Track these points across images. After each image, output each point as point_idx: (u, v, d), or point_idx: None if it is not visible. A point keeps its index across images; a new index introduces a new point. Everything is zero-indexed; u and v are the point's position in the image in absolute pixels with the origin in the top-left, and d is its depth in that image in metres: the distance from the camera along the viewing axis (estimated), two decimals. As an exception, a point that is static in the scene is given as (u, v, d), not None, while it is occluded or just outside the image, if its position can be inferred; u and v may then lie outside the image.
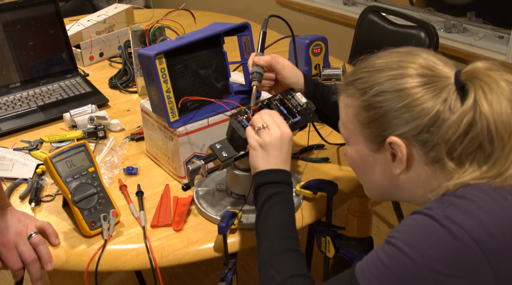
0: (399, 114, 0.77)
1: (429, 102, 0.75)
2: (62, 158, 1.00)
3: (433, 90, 0.76)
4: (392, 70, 0.79)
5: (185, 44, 1.10)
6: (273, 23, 1.29)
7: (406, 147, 0.78)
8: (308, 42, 1.59)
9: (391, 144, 0.79)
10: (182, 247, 0.99)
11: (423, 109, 0.75)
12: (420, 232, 0.70)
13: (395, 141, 0.78)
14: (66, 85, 1.62)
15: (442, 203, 0.73)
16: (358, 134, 0.84)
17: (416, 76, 0.77)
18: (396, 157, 0.79)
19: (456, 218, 0.69)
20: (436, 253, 0.68)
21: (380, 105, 0.78)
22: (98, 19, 1.96)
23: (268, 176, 0.90)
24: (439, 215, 0.70)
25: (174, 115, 1.11)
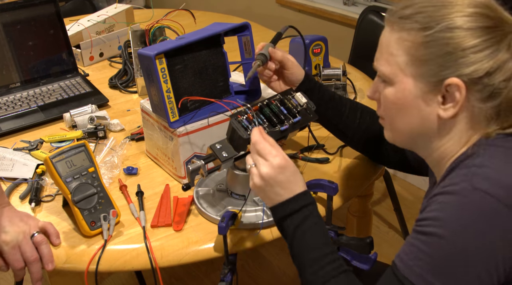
0: (465, 53, 0.75)
1: (494, 46, 0.75)
2: (62, 158, 1.00)
3: (499, 35, 0.75)
4: (457, 6, 0.76)
5: (185, 44, 1.10)
6: (273, 23, 1.28)
7: (466, 90, 0.76)
8: (308, 42, 1.59)
9: (448, 86, 0.76)
10: (182, 247, 0.99)
11: (488, 53, 0.74)
12: (452, 212, 0.71)
13: (455, 82, 0.75)
14: (66, 85, 1.62)
15: (465, 176, 0.73)
16: (410, 72, 0.79)
17: (482, 17, 0.75)
18: (448, 99, 0.77)
19: (484, 187, 0.70)
20: (475, 228, 0.69)
21: (448, 41, 0.75)
22: (98, 19, 1.95)
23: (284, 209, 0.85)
24: (467, 189, 0.71)
25: (174, 115, 1.11)
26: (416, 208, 2.33)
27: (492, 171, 0.72)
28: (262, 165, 0.85)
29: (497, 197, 0.69)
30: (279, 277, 2.03)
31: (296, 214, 0.84)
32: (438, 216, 0.71)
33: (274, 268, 2.07)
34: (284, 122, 1.01)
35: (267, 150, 0.85)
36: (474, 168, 0.74)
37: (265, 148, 0.86)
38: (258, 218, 1.03)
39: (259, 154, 0.86)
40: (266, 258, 2.11)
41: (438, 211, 0.72)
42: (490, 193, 0.69)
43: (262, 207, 1.04)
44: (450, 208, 0.71)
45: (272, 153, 0.85)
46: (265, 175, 0.84)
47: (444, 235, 0.70)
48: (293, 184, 0.85)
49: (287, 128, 1.01)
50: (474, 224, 0.69)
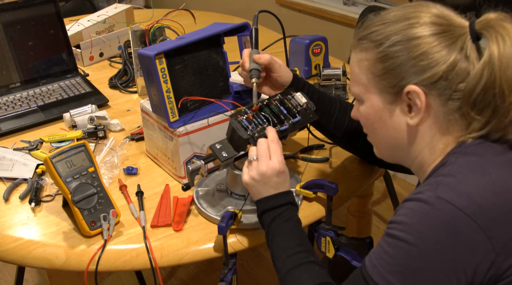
0: (416, 62, 0.78)
1: (446, 49, 0.77)
2: (62, 158, 1.00)
3: (449, 38, 0.78)
4: (407, 20, 0.80)
5: (185, 44, 1.10)
6: (273, 23, 1.29)
7: (424, 95, 0.79)
8: (308, 42, 1.59)
9: (409, 94, 0.80)
10: (182, 247, 0.99)
11: (441, 56, 0.77)
12: (416, 218, 0.73)
13: (413, 89, 0.79)
14: (66, 85, 1.62)
15: (431, 185, 0.75)
16: (373, 88, 0.84)
17: (431, 25, 0.79)
18: (413, 107, 0.81)
19: (446, 196, 0.72)
20: (435, 234, 0.71)
21: (397, 54, 0.80)
22: (98, 19, 1.95)
23: (266, 204, 0.92)
24: (431, 197, 0.73)
25: (174, 115, 1.11)
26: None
27: (457, 180, 0.74)
28: (264, 162, 0.91)
29: (458, 206, 0.71)
30: (279, 277, 2.03)
31: (273, 210, 0.91)
32: (403, 221, 0.74)
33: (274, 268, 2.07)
34: (284, 122, 1.01)
35: (277, 152, 0.92)
36: (441, 177, 0.76)
37: (277, 150, 0.92)
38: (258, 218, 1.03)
39: (268, 151, 0.92)
40: (266, 258, 2.11)
41: (404, 215, 0.75)
42: (451, 202, 0.71)
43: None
44: (415, 214, 0.73)
45: (278, 157, 0.92)
46: (264, 173, 0.91)
47: (407, 239, 0.72)
48: (282, 187, 0.93)
49: (287, 128, 1.01)
50: (435, 231, 0.71)
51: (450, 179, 0.75)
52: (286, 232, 0.90)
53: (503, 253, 0.71)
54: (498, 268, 0.72)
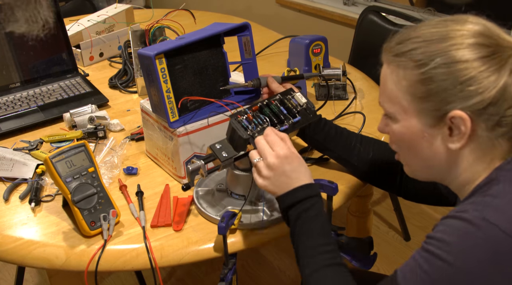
0: (463, 87, 0.73)
1: (495, 74, 0.73)
2: (62, 158, 1.00)
3: (498, 61, 0.73)
4: (452, 40, 0.75)
5: (185, 44, 1.10)
6: (273, 23, 1.28)
7: (470, 122, 0.74)
8: (308, 42, 1.59)
9: (453, 119, 0.75)
10: (182, 247, 0.99)
11: (490, 82, 0.72)
12: (458, 238, 0.69)
13: (459, 115, 0.74)
14: (66, 85, 1.62)
15: (477, 205, 0.71)
16: (412, 109, 0.79)
17: (478, 46, 0.73)
18: (454, 131, 0.76)
19: (493, 219, 0.68)
20: (476, 257, 0.68)
21: (442, 78, 0.74)
22: (98, 19, 1.95)
23: (288, 199, 0.89)
24: (476, 218, 0.69)
25: (174, 115, 1.11)
26: (416, 208, 2.33)
27: (506, 203, 0.70)
28: (269, 155, 0.90)
29: (506, 230, 0.67)
30: (279, 277, 2.03)
31: (297, 205, 0.88)
32: (443, 238, 0.71)
33: (274, 268, 2.07)
34: (284, 122, 1.01)
35: (276, 141, 0.91)
36: (489, 197, 0.72)
37: (274, 140, 0.91)
38: (258, 218, 1.03)
39: (268, 144, 0.91)
40: (266, 258, 2.11)
41: (445, 233, 0.71)
42: (498, 226, 0.68)
43: (262, 207, 1.04)
44: (457, 233, 0.70)
45: (279, 145, 0.90)
46: (272, 165, 0.89)
47: (445, 258, 0.69)
48: (298, 174, 0.89)
49: (287, 128, 1.01)
50: (476, 253, 0.68)
51: (499, 201, 0.71)
52: (313, 230, 0.86)
53: None
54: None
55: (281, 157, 0.89)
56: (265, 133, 0.93)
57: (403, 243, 2.16)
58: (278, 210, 1.01)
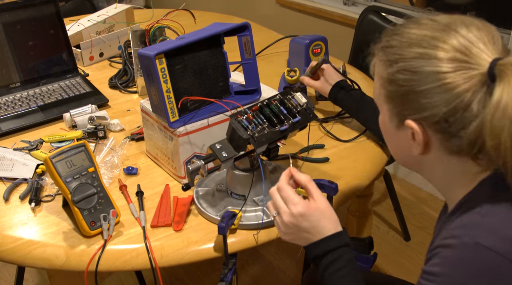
0: (419, 97, 0.71)
1: (454, 90, 0.68)
2: (62, 158, 1.00)
3: (462, 78, 0.68)
4: (421, 48, 0.71)
5: (185, 44, 1.10)
6: (273, 23, 1.28)
7: (422, 133, 0.73)
8: (308, 42, 1.59)
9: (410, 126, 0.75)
10: (182, 247, 0.99)
11: (447, 98, 0.69)
12: (455, 269, 0.68)
13: (411, 125, 0.74)
14: (66, 85, 1.62)
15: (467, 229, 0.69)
16: (383, 104, 0.79)
17: (446, 61, 0.69)
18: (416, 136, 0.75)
19: (487, 243, 0.66)
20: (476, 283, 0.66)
21: (402, 83, 0.73)
22: (98, 19, 1.95)
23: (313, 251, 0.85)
24: (469, 245, 0.67)
25: (174, 115, 1.11)
26: (416, 208, 2.33)
27: (497, 222, 0.68)
28: (284, 213, 0.87)
29: (503, 253, 0.65)
30: (279, 277, 2.03)
31: (325, 256, 0.84)
32: (439, 272, 0.69)
33: (274, 268, 2.07)
34: (284, 122, 1.01)
35: (289, 198, 0.87)
36: (477, 216, 0.70)
37: (288, 196, 0.87)
38: (258, 218, 1.03)
39: (283, 200, 0.88)
40: (266, 258, 2.11)
41: (439, 266, 0.69)
42: (493, 249, 0.65)
43: (262, 207, 1.04)
44: (451, 264, 0.68)
45: (293, 201, 0.86)
46: (288, 223, 0.86)
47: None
48: (319, 228, 0.85)
49: (287, 128, 1.01)
50: (477, 280, 0.66)
51: (488, 219, 0.69)
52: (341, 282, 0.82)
53: None
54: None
55: (296, 216, 0.85)
56: (278, 186, 0.89)
57: (403, 243, 2.16)
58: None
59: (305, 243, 0.86)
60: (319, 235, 0.84)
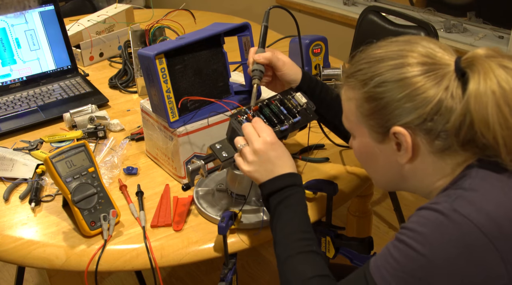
0: (401, 104, 0.77)
1: (431, 90, 0.75)
2: (62, 158, 1.00)
3: (434, 78, 0.76)
4: (392, 60, 0.79)
5: (185, 44, 1.10)
6: (273, 23, 1.29)
7: (410, 136, 0.78)
8: (308, 42, 1.59)
9: (396, 134, 0.79)
10: (182, 247, 0.99)
11: (425, 98, 0.75)
12: (428, 228, 0.71)
13: (399, 131, 0.78)
14: (66, 85, 1.62)
15: (449, 197, 0.73)
16: (362, 126, 0.84)
17: (416, 65, 0.77)
18: (401, 146, 0.80)
19: (464, 211, 0.70)
20: (445, 247, 0.69)
21: (382, 96, 0.78)
22: (98, 19, 1.96)
23: (271, 186, 0.90)
24: (447, 209, 0.71)
25: (174, 115, 1.11)
26: (416, 208, 2.33)
27: (477, 195, 0.72)
28: (255, 141, 0.91)
29: (476, 223, 0.69)
30: (279, 277, 2.03)
31: (279, 192, 0.89)
32: (415, 229, 0.72)
33: (274, 268, 2.06)
34: (284, 122, 1.01)
35: (263, 128, 0.92)
36: (461, 190, 0.74)
37: (261, 127, 0.92)
38: (258, 218, 1.03)
39: (255, 131, 0.92)
40: (266, 258, 2.11)
41: (417, 223, 0.73)
42: (468, 218, 0.69)
43: (262, 207, 1.04)
44: (428, 224, 0.71)
45: (266, 132, 0.92)
46: (258, 150, 0.90)
47: (417, 248, 0.71)
48: (283, 162, 0.91)
49: (287, 128, 1.01)
50: (447, 245, 0.69)
51: (470, 193, 0.73)
52: (291, 217, 0.87)
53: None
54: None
55: (268, 143, 0.90)
56: (253, 120, 0.94)
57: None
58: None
59: (265, 177, 0.90)
60: (280, 170, 0.90)
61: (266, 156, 0.90)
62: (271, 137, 0.91)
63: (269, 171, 0.90)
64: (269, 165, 0.90)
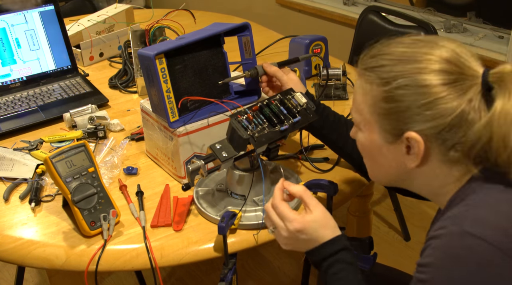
0: (421, 110, 0.75)
1: (454, 101, 0.73)
2: (62, 158, 1.00)
3: (459, 89, 0.73)
4: (418, 63, 0.75)
5: (185, 44, 1.10)
6: (273, 23, 1.28)
7: (424, 144, 0.76)
8: (308, 42, 1.59)
9: (409, 139, 0.77)
10: (182, 247, 0.99)
11: (447, 108, 0.73)
12: (444, 258, 0.69)
13: (413, 137, 0.76)
14: (66, 85, 1.62)
15: (456, 218, 0.71)
16: (374, 123, 0.81)
17: (442, 73, 0.74)
18: (411, 150, 0.78)
19: (476, 231, 0.68)
20: (466, 272, 0.67)
21: (403, 98, 0.76)
22: (98, 19, 1.96)
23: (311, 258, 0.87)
24: (457, 232, 0.69)
25: (174, 115, 1.11)
26: (416, 208, 2.33)
27: (486, 211, 0.71)
28: (281, 229, 0.88)
29: (490, 241, 0.67)
30: (279, 277, 2.03)
31: (325, 261, 0.85)
32: (431, 262, 0.71)
33: (274, 268, 2.07)
34: (284, 122, 1.01)
35: (284, 215, 0.88)
36: (464, 207, 0.73)
37: (283, 213, 0.88)
38: (258, 218, 1.03)
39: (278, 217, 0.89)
40: (266, 258, 2.11)
41: (431, 257, 0.71)
42: (481, 237, 0.67)
43: (262, 207, 1.04)
44: (440, 254, 0.70)
45: (288, 219, 0.87)
46: (288, 238, 0.88)
47: (438, 280, 0.69)
48: (318, 238, 0.86)
49: (287, 128, 1.01)
50: (466, 268, 0.68)
51: (477, 210, 0.71)
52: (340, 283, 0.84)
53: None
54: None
55: (293, 232, 0.86)
56: (273, 203, 0.90)
57: (403, 243, 2.16)
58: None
59: (305, 250, 0.88)
60: (317, 243, 0.86)
61: (295, 241, 0.88)
62: (294, 225, 0.86)
63: (306, 247, 0.87)
64: (303, 245, 0.88)
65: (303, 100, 1.05)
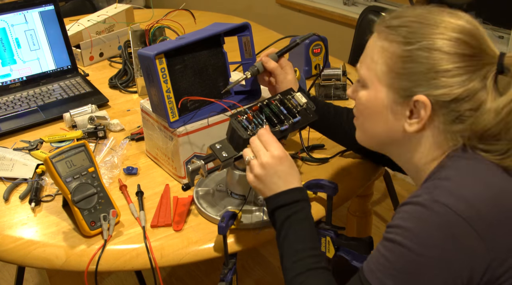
0: (436, 76, 0.76)
1: (468, 75, 0.76)
2: (62, 158, 1.00)
3: (476, 63, 0.76)
4: (443, 29, 0.77)
5: (185, 44, 1.10)
6: (273, 23, 1.28)
7: (430, 110, 0.78)
8: (308, 42, 1.59)
9: (416, 102, 0.78)
10: (182, 247, 0.99)
11: (462, 80, 0.76)
12: (412, 222, 0.72)
13: (423, 100, 0.77)
14: (66, 85, 1.62)
15: (428, 189, 0.74)
16: (384, 80, 0.82)
17: (464, 44, 0.76)
18: (414, 114, 0.80)
19: (444, 200, 0.71)
20: (431, 239, 0.71)
21: (421, 61, 0.77)
22: (98, 19, 1.95)
23: (278, 200, 0.89)
24: (428, 201, 0.72)
25: (174, 115, 1.11)
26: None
27: (454, 184, 0.74)
28: (263, 154, 0.90)
29: (456, 210, 0.70)
30: (279, 277, 2.03)
31: (287, 206, 0.88)
32: (400, 224, 0.73)
33: (274, 268, 2.07)
34: (284, 122, 1.01)
35: (270, 141, 0.91)
36: (438, 180, 0.76)
37: (269, 140, 0.91)
38: (258, 218, 1.03)
39: (262, 144, 0.91)
40: (266, 258, 2.11)
41: (401, 219, 0.74)
42: (448, 206, 0.71)
43: (262, 207, 1.04)
44: (412, 218, 0.73)
45: (274, 145, 0.90)
46: (266, 164, 0.89)
47: (404, 243, 0.72)
48: (290, 176, 0.90)
49: (287, 128, 1.01)
50: (432, 235, 0.71)
51: (448, 182, 0.74)
52: (299, 233, 0.86)
53: (498, 258, 0.71)
54: (493, 273, 0.71)
55: (275, 157, 0.89)
56: (259, 133, 0.93)
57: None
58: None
59: (271, 191, 0.89)
60: (287, 184, 0.89)
61: (273, 170, 0.89)
62: (278, 150, 0.89)
63: (275, 185, 0.89)
64: (276, 180, 0.89)
65: (303, 100, 1.05)
